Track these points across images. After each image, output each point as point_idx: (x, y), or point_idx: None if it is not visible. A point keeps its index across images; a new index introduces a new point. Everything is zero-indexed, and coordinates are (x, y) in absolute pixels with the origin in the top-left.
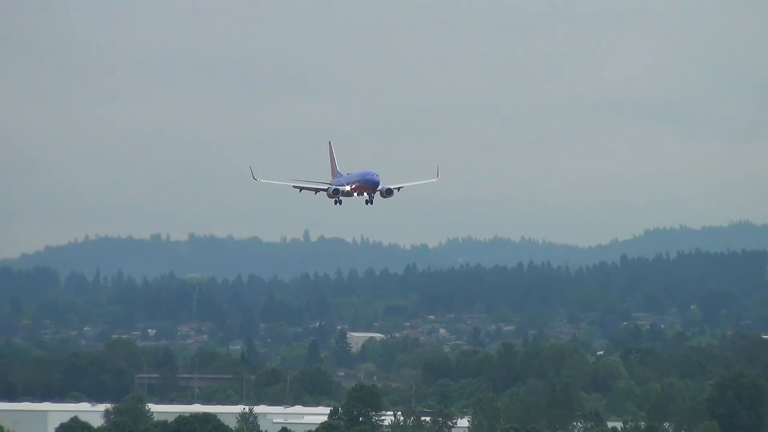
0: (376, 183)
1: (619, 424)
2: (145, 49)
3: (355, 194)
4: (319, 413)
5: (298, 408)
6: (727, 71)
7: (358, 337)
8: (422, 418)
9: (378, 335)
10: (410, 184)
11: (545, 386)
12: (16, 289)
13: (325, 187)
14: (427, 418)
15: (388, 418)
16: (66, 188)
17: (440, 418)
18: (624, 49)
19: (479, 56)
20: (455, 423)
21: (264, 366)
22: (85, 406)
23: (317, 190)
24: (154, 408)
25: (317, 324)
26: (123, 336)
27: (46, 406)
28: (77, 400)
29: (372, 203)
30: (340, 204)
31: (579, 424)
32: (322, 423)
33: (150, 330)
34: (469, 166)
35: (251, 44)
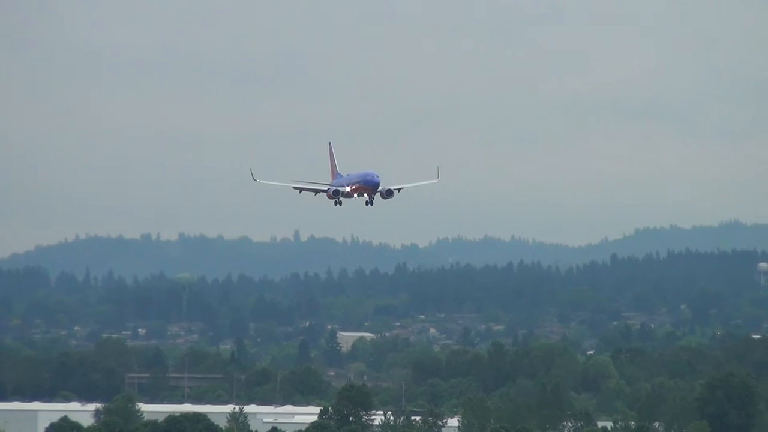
0: (377, 184)
1: (609, 424)
2: (140, 49)
3: (355, 195)
4: (309, 413)
5: (288, 408)
6: (720, 71)
7: (348, 337)
8: (412, 417)
9: (368, 335)
10: (411, 185)
11: (535, 386)
12: (6, 289)
13: (325, 188)
14: (417, 418)
15: (378, 417)
16: (56, 188)
17: (430, 418)
18: (617, 48)
19: (474, 56)
20: (445, 423)
21: (254, 366)
22: (75, 405)
23: (317, 191)
24: (144, 408)
25: (307, 324)
26: (113, 336)
27: (36, 405)
28: (67, 400)
29: (372, 204)
30: (340, 205)
31: (569, 423)
32: (312, 423)
33: (140, 330)
34: (458, 166)
35: (250, 44)
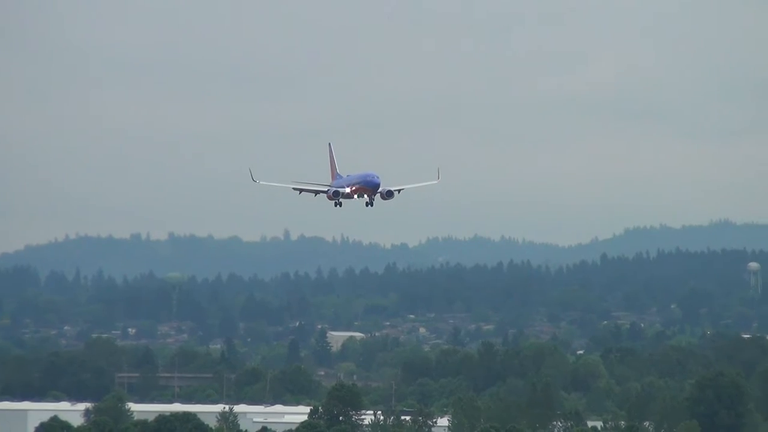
0: (377, 185)
1: (599, 424)
2: (140, 49)
3: (356, 196)
4: (299, 412)
5: (278, 407)
6: (712, 71)
7: (338, 337)
8: (402, 417)
9: (358, 334)
10: (411, 186)
11: (525, 385)
12: None
13: (325, 189)
14: (407, 418)
15: (368, 417)
16: (46, 188)
17: (420, 418)
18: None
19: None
20: (435, 422)
21: (244, 365)
22: (65, 405)
23: (317, 192)
24: (134, 407)
25: (297, 323)
26: (103, 335)
27: (25, 405)
28: (57, 400)
29: (372, 205)
30: (341, 206)
31: (559, 423)
32: (302, 422)
33: (130, 329)
34: (448, 165)
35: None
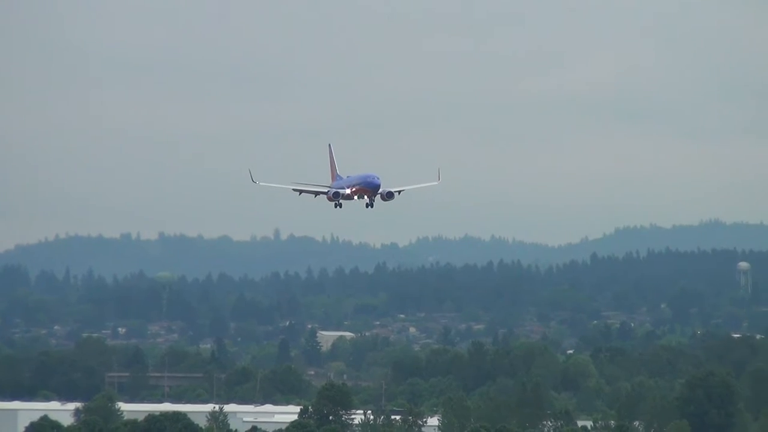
0: (377, 186)
1: (589, 423)
2: (135, 49)
3: (356, 197)
4: (290, 412)
5: (269, 407)
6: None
7: (328, 336)
8: (392, 417)
9: (348, 334)
10: (411, 187)
11: (515, 385)
12: None
13: (325, 190)
14: (397, 417)
15: (358, 416)
16: (36, 187)
17: (410, 417)
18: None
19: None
20: (425, 422)
21: (234, 365)
22: (55, 404)
23: (317, 193)
24: (124, 407)
25: (287, 323)
26: (93, 335)
27: (15, 404)
28: (47, 399)
29: (372, 206)
30: (341, 207)
31: (549, 423)
32: (292, 422)
33: (120, 329)
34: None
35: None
